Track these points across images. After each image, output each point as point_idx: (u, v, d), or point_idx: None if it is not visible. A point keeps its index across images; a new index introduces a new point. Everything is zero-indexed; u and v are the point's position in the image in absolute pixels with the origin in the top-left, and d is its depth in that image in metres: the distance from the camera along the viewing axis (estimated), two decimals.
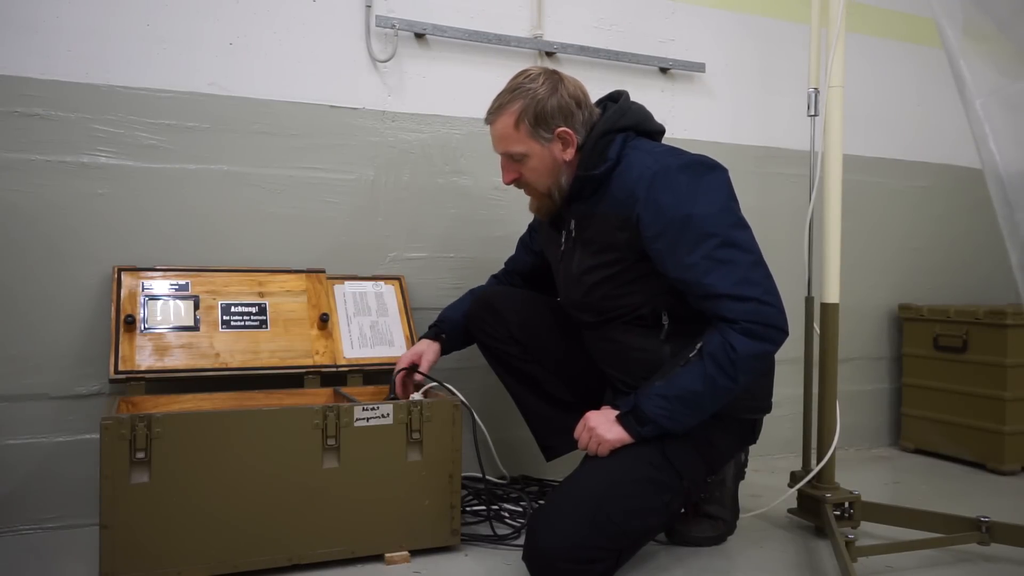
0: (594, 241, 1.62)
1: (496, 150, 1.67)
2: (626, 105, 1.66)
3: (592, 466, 1.56)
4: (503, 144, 1.63)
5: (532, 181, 1.64)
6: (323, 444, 1.56)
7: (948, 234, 2.92)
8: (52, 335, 1.81)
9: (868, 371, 2.78)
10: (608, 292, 1.62)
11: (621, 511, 1.48)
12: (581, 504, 1.48)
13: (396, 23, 2.10)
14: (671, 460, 1.54)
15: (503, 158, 1.66)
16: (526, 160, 1.62)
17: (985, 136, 1.25)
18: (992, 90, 1.27)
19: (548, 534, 1.46)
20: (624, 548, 1.53)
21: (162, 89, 1.90)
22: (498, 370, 1.88)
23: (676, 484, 1.56)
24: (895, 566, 1.65)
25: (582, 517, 1.46)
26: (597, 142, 1.59)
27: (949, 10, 1.31)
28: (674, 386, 1.49)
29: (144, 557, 1.43)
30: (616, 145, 1.59)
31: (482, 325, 1.84)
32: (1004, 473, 2.41)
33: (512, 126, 1.60)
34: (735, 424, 1.65)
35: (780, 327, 1.49)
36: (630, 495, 1.51)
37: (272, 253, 2.00)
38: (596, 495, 1.49)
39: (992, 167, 1.24)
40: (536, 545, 1.47)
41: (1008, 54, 1.31)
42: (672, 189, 1.51)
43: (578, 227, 1.66)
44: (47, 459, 1.81)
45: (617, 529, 1.48)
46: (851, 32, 2.05)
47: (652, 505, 1.54)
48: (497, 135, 1.64)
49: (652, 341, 1.61)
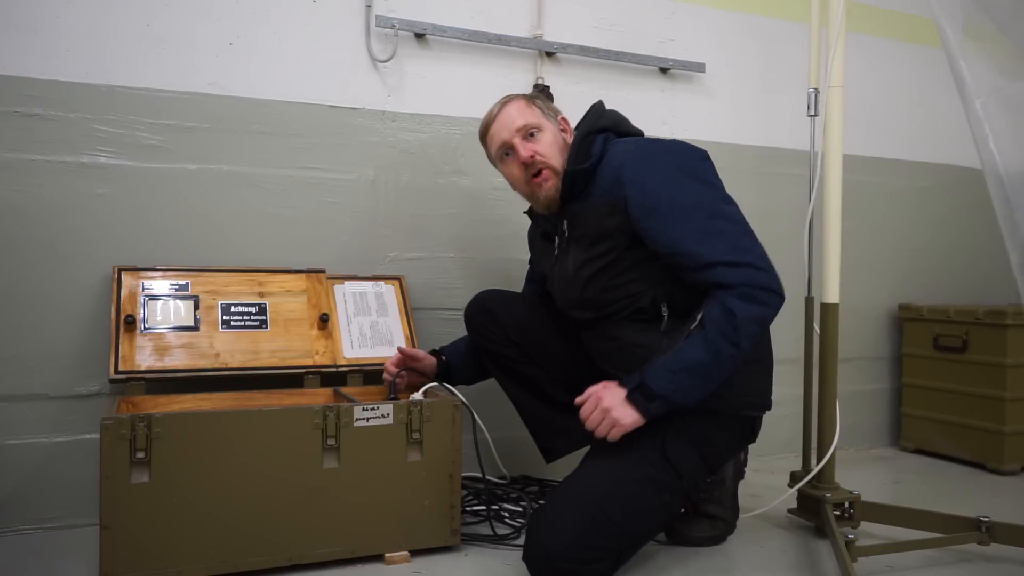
0: (587, 235, 1.63)
1: (510, 133, 1.67)
2: (601, 109, 1.74)
3: (592, 466, 1.56)
4: (522, 117, 1.68)
5: (549, 156, 1.67)
6: (323, 444, 1.56)
7: (948, 234, 2.92)
8: (52, 335, 1.81)
9: (868, 371, 2.78)
10: (605, 284, 1.62)
11: (621, 511, 1.48)
12: (581, 504, 1.48)
13: (396, 23, 2.10)
14: (671, 460, 1.54)
15: (518, 140, 1.67)
16: (540, 136, 1.68)
17: (985, 136, 1.25)
18: (992, 90, 1.27)
19: (549, 534, 1.46)
20: (624, 548, 1.53)
21: (162, 89, 1.90)
22: (496, 373, 1.89)
23: (676, 484, 1.56)
24: (895, 566, 1.65)
25: (583, 517, 1.46)
26: (580, 143, 1.67)
27: (949, 10, 1.31)
28: (680, 359, 1.47)
29: (144, 557, 1.43)
30: (598, 144, 1.66)
31: (480, 328, 1.85)
32: (1004, 473, 2.41)
33: (525, 105, 1.71)
34: (735, 422, 1.64)
35: (776, 291, 1.49)
36: (631, 495, 1.50)
37: (272, 253, 2.00)
38: (597, 495, 1.49)
39: (992, 167, 1.25)
40: (536, 545, 1.46)
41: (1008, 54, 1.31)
42: (655, 169, 1.55)
43: (570, 227, 1.68)
44: (47, 459, 1.81)
45: (618, 529, 1.48)
46: (851, 32, 2.05)
47: (652, 505, 1.54)
48: (513, 114, 1.69)
49: (652, 335, 1.61)
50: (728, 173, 2.49)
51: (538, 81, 2.26)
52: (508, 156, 1.70)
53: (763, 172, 2.58)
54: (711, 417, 1.58)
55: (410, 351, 1.86)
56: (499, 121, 1.70)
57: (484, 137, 1.76)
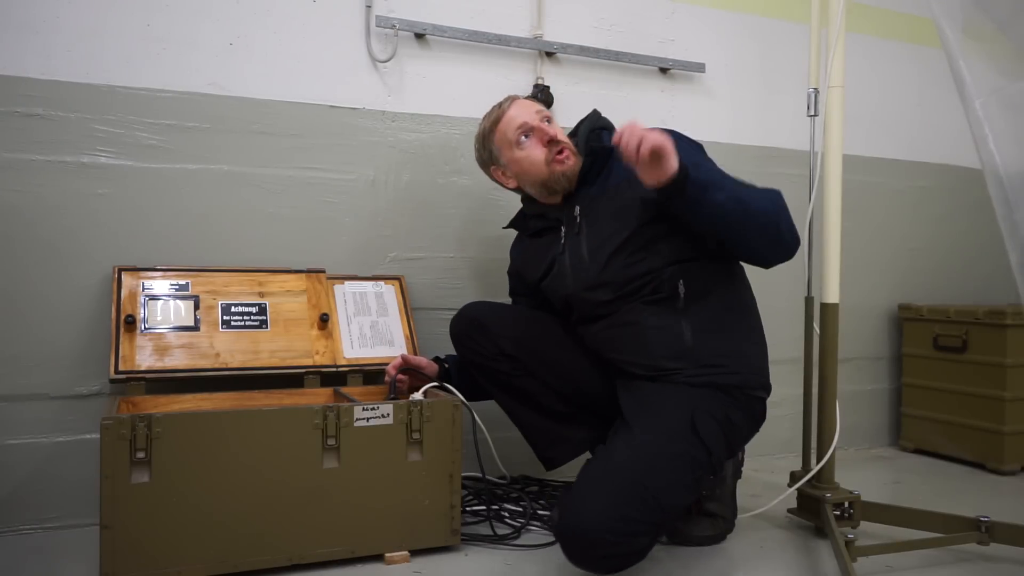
0: (605, 215, 1.68)
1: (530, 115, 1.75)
2: (597, 113, 1.83)
3: (626, 440, 1.55)
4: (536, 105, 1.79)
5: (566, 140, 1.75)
6: (323, 444, 1.56)
7: (948, 234, 2.92)
8: (52, 335, 1.81)
9: (868, 371, 2.78)
10: (626, 260, 1.63)
11: (660, 485, 1.47)
12: (619, 478, 1.47)
13: (396, 23, 2.10)
14: (701, 436, 1.54)
15: (540, 122, 1.74)
16: (554, 123, 1.77)
17: (985, 136, 1.25)
18: (992, 90, 1.27)
19: (588, 509, 1.43)
20: (662, 523, 1.52)
21: (162, 89, 1.90)
22: (490, 387, 1.85)
23: (706, 461, 1.56)
24: (895, 566, 1.65)
25: (623, 490, 1.44)
26: (588, 136, 1.76)
27: (949, 10, 1.31)
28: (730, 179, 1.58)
29: (144, 557, 1.43)
30: (606, 136, 1.74)
31: (470, 343, 1.81)
32: (1004, 473, 2.41)
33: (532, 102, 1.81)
34: (749, 403, 1.65)
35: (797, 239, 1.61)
36: (667, 469, 1.50)
37: (272, 253, 2.00)
38: (636, 469, 1.48)
39: (992, 167, 1.25)
40: (575, 519, 1.43)
41: (1008, 54, 1.31)
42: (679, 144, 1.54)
43: (585, 211, 1.71)
44: (47, 459, 1.81)
45: (657, 503, 1.46)
46: (851, 32, 2.04)
47: (687, 480, 1.54)
48: (527, 104, 1.78)
49: (669, 316, 1.62)
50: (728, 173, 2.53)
51: (538, 81, 2.26)
52: (527, 138, 1.73)
53: (763, 172, 2.57)
54: (729, 398, 1.61)
55: (414, 360, 1.84)
56: (517, 106, 1.77)
57: (494, 128, 1.77)
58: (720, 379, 1.61)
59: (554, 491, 2.05)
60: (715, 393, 1.60)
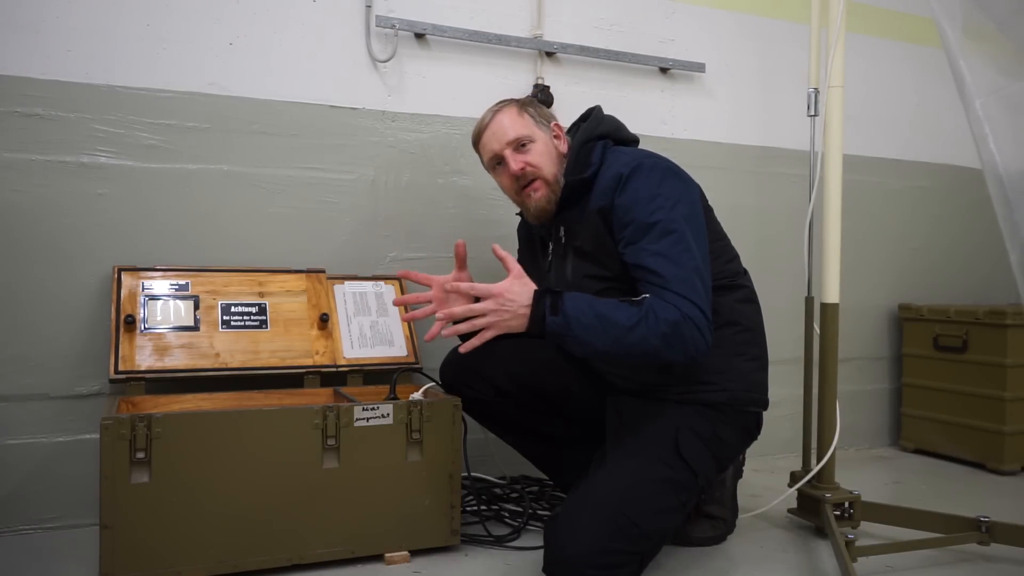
0: (585, 245, 1.62)
1: (500, 145, 1.67)
2: (600, 115, 1.75)
3: (608, 469, 1.54)
4: (513, 129, 1.67)
5: (541, 166, 1.66)
6: (323, 444, 1.56)
7: (948, 234, 2.92)
8: (52, 335, 1.81)
9: (868, 371, 2.78)
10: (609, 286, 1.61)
11: (642, 513, 1.46)
12: (601, 509, 1.45)
13: (396, 23, 2.10)
14: (685, 458, 1.53)
15: (509, 152, 1.67)
16: (532, 146, 1.67)
17: (985, 136, 1.25)
18: (992, 90, 1.27)
19: (570, 542, 1.42)
20: (646, 551, 1.51)
21: (162, 89, 1.90)
22: (493, 428, 1.84)
23: (692, 483, 1.55)
24: (895, 566, 1.65)
25: (604, 522, 1.43)
26: (580, 150, 1.67)
27: (949, 10, 1.31)
28: (606, 306, 1.46)
29: (144, 557, 1.43)
30: (597, 151, 1.67)
31: (466, 391, 1.75)
32: (1004, 473, 2.41)
33: (516, 114, 1.70)
34: (741, 418, 1.64)
35: (708, 343, 1.47)
36: (650, 496, 1.49)
37: (272, 253, 2.00)
38: (616, 499, 1.46)
39: (992, 167, 1.24)
40: (559, 553, 1.43)
41: (1008, 54, 1.31)
42: (648, 185, 1.54)
43: (568, 234, 1.68)
44: (47, 459, 1.81)
45: (639, 532, 1.45)
46: (851, 32, 2.05)
47: (671, 505, 1.52)
48: (504, 126, 1.68)
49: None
50: (728, 173, 2.53)
51: (538, 81, 2.26)
52: (500, 166, 1.71)
53: (763, 172, 2.58)
54: (719, 414, 1.58)
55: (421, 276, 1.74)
56: (490, 131, 1.70)
57: (476, 145, 1.76)
58: (708, 396, 1.59)
59: (554, 491, 2.05)
60: (702, 410, 1.58)
